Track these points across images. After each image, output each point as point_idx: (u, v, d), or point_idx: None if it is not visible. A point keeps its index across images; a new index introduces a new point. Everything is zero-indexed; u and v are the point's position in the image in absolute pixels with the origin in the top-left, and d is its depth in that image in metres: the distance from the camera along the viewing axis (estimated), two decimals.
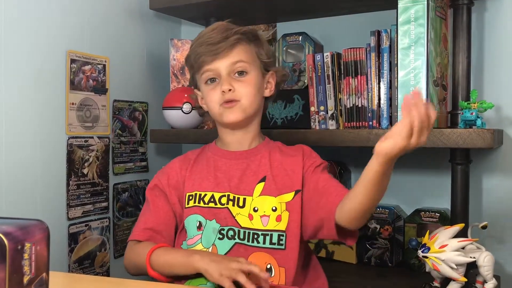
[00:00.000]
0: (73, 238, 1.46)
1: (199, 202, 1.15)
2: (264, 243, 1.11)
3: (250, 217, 1.12)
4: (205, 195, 1.15)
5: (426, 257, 1.14)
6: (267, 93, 1.21)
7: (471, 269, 1.22)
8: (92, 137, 1.53)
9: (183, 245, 1.17)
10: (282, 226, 1.12)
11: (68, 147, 1.45)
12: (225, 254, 1.10)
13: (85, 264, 1.51)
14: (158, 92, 1.78)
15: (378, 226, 1.52)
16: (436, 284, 1.21)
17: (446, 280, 1.18)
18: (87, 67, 1.50)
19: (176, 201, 1.18)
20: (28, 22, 1.33)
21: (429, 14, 1.23)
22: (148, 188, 1.23)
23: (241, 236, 1.11)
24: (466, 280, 1.14)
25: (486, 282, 1.18)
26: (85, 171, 1.50)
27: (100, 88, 1.56)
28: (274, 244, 1.11)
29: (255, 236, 1.11)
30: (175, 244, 1.19)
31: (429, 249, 1.14)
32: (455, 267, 1.12)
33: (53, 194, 1.41)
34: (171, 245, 1.18)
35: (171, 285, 1.04)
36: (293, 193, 1.15)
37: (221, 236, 1.12)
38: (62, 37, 1.42)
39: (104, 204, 1.58)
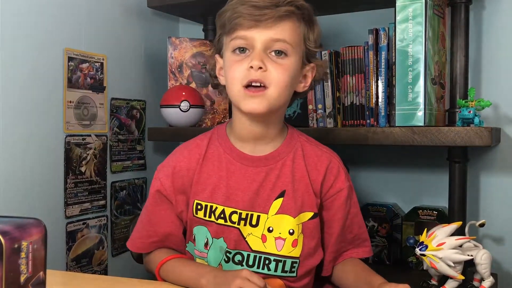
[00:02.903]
0: (71, 236, 1.46)
1: (209, 216, 1.02)
2: (275, 270, 1.01)
3: (264, 238, 1.00)
4: (216, 208, 1.01)
5: (424, 255, 1.14)
6: (300, 88, 1.01)
7: (469, 267, 1.22)
8: (90, 135, 1.53)
9: (188, 246, 1.08)
10: (297, 252, 1.01)
11: (65, 145, 1.44)
12: None
13: (82, 262, 1.50)
14: (156, 90, 1.77)
15: (376, 224, 1.52)
16: (433, 282, 1.21)
17: (444, 278, 1.18)
18: (84, 65, 1.50)
19: (184, 207, 1.04)
20: (26, 20, 1.32)
21: (427, 12, 1.23)
22: (150, 191, 1.08)
23: (250, 262, 1.00)
24: (463, 278, 1.14)
25: (484, 280, 1.18)
26: (82, 169, 1.50)
27: (98, 86, 1.55)
28: (286, 272, 1.01)
29: (266, 262, 1.00)
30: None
31: (426, 247, 1.14)
32: (452, 265, 1.12)
33: (50, 192, 1.40)
34: (183, 249, 1.08)
35: (170, 285, 1.04)
36: (312, 214, 1.02)
37: (227, 259, 1.02)
38: (59, 35, 1.42)
39: (102, 202, 1.58)
